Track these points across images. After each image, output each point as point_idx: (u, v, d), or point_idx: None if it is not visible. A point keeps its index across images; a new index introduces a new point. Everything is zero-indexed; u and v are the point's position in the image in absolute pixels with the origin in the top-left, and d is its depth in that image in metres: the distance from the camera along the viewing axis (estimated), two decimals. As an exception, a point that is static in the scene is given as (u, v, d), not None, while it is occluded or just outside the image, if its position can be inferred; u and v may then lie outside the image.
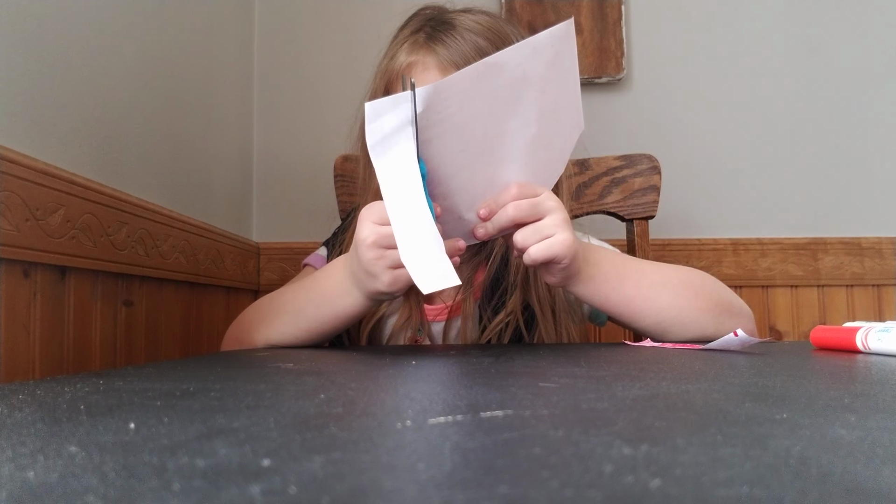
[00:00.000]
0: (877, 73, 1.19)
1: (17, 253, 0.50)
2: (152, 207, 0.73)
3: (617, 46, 1.16)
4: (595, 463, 0.15)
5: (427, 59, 0.67)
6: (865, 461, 0.15)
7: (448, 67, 0.65)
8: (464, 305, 0.72)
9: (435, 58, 0.66)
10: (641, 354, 0.48)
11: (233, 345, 0.69)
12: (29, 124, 0.55)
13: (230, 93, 1.07)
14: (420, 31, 0.69)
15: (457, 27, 0.67)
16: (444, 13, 0.71)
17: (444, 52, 0.66)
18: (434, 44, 0.67)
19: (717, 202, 1.19)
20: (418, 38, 0.69)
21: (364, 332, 0.72)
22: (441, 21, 0.69)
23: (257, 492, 0.13)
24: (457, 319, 0.73)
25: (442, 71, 0.66)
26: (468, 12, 0.71)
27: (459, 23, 0.68)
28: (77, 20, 0.62)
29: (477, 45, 0.66)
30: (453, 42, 0.66)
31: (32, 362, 0.53)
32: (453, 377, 0.34)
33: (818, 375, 0.34)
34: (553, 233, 0.56)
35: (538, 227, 0.55)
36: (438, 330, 0.73)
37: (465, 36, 0.66)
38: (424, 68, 0.67)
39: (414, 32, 0.70)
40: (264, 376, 0.35)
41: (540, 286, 0.71)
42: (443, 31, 0.67)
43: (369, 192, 0.70)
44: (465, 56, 0.65)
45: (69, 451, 0.17)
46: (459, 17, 0.70)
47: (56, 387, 0.31)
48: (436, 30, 0.68)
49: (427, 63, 0.67)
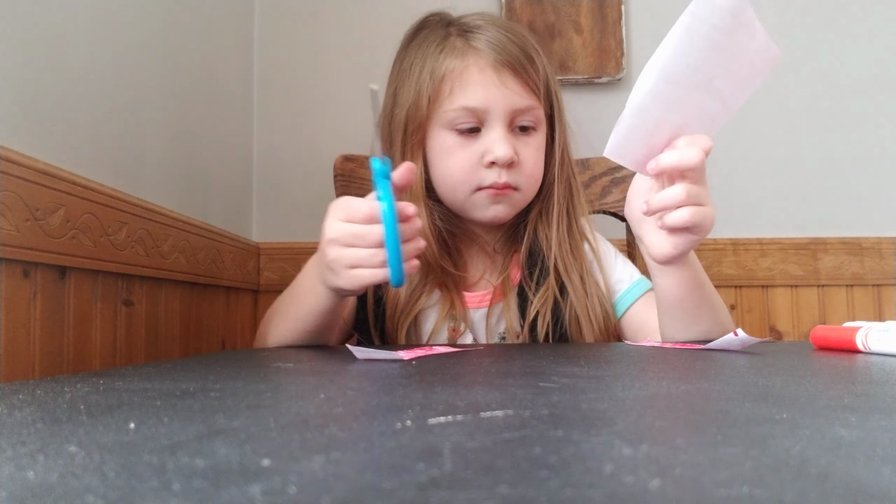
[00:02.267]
0: (877, 74, 1.19)
1: (17, 253, 0.50)
2: (152, 207, 0.73)
3: (617, 46, 1.16)
4: (595, 463, 0.15)
5: (480, 61, 0.69)
6: (865, 461, 0.15)
7: (501, 68, 0.68)
8: (504, 288, 0.74)
9: (485, 58, 0.69)
10: (641, 354, 0.48)
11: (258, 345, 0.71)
12: (29, 124, 0.55)
13: (230, 93, 1.07)
14: (450, 38, 0.72)
15: (482, 27, 0.71)
16: (455, 18, 0.74)
17: (490, 52, 0.69)
18: (477, 44, 0.70)
19: (717, 202, 1.17)
20: (455, 43, 0.71)
21: (402, 328, 0.71)
22: (464, 24, 0.72)
23: (257, 492, 0.13)
24: (498, 304, 0.75)
25: (496, 70, 0.68)
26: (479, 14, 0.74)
27: (477, 24, 0.71)
28: (77, 20, 0.62)
29: (509, 40, 0.69)
30: (494, 39, 0.69)
31: (32, 362, 0.53)
32: (453, 377, 0.34)
33: (818, 375, 0.34)
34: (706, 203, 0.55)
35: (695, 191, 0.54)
36: (481, 316, 0.75)
37: (497, 33, 0.70)
38: (479, 69, 0.69)
39: (444, 39, 0.72)
40: (264, 376, 0.35)
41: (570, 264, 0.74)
42: (475, 31, 0.70)
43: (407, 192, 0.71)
44: (508, 51, 0.68)
45: (69, 450, 0.17)
46: (477, 18, 0.73)
47: (56, 387, 0.31)
48: (466, 32, 0.71)
49: (480, 64, 0.69)
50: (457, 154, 0.70)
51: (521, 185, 0.70)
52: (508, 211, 0.72)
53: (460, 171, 0.70)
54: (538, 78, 0.70)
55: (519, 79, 0.69)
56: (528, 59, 0.70)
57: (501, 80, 0.68)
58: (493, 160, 0.67)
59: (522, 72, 0.69)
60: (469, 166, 0.69)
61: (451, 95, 0.69)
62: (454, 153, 0.70)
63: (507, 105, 0.68)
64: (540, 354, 0.49)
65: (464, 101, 0.68)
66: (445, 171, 0.71)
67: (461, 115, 0.68)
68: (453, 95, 0.69)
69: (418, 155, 0.72)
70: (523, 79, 0.69)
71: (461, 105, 0.68)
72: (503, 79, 0.68)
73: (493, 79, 0.68)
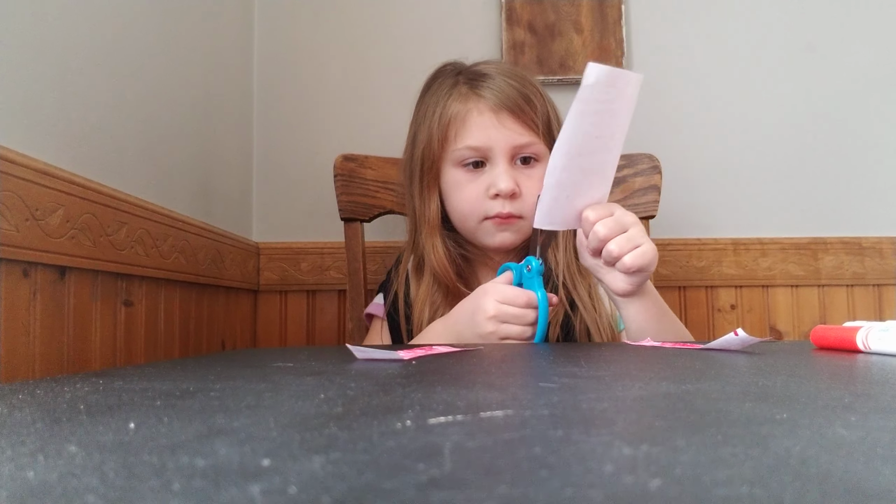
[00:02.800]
0: (877, 73, 1.19)
1: (16, 253, 0.50)
2: (152, 207, 0.73)
3: (617, 46, 1.16)
4: (595, 463, 0.15)
5: (479, 105, 0.78)
6: (865, 461, 0.15)
7: (500, 110, 0.77)
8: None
9: (485, 102, 0.78)
10: (641, 354, 0.48)
11: None
12: (29, 124, 0.55)
13: (230, 93, 1.07)
14: (458, 85, 0.81)
15: (488, 74, 0.80)
16: (468, 67, 0.83)
17: (493, 98, 0.78)
18: (481, 91, 0.79)
19: (718, 202, 1.19)
20: (461, 90, 0.80)
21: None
22: (471, 73, 0.81)
23: (257, 491, 0.13)
24: None
25: (495, 113, 0.77)
26: (493, 63, 0.83)
27: (488, 71, 0.80)
28: (77, 20, 0.62)
29: (509, 85, 0.78)
30: (498, 88, 0.78)
31: (32, 362, 0.53)
32: (453, 377, 0.34)
33: (818, 375, 0.34)
34: (642, 242, 0.63)
35: (629, 236, 0.62)
36: None
37: (499, 79, 0.79)
38: (479, 113, 0.78)
39: (453, 87, 0.81)
40: (264, 376, 0.35)
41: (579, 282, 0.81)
42: (479, 79, 0.80)
43: (426, 222, 0.82)
44: (506, 95, 0.77)
45: (69, 450, 0.17)
46: (484, 66, 0.82)
47: (56, 386, 0.31)
48: (472, 80, 0.80)
49: (480, 108, 0.78)
50: (465, 188, 0.79)
51: (524, 213, 0.78)
52: (514, 237, 0.80)
53: (469, 203, 0.79)
54: (536, 116, 0.78)
55: (517, 119, 0.78)
56: (525, 101, 0.78)
57: (500, 121, 0.77)
58: (497, 192, 0.76)
59: (520, 112, 0.78)
60: (476, 198, 0.78)
61: (458, 136, 0.78)
62: (463, 187, 0.79)
63: (507, 142, 0.77)
64: (540, 354, 0.49)
65: (468, 142, 0.78)
66: (457, 203, 0.81)
67: (466, 153, 0.78)
68: (459, 136, 0.78)
69: (434, 189, 0.82)
70: (521, 119, 0.78)
71: (465, 145, 0.78)
72: (502, 119, 0.77)
73: (493, 120, 0.77)
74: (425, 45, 1.17)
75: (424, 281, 0.81)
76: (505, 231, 0.79)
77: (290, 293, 1.15)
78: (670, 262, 1.16)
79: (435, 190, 0.82)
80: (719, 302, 1.17)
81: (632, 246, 0.62)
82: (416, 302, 0.81)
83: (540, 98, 0.80)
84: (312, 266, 1.15)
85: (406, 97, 0.90)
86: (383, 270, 1.14)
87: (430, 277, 0.81)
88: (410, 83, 0.89)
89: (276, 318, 1.15)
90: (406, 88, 0.89)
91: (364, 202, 0.96)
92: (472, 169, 0.79)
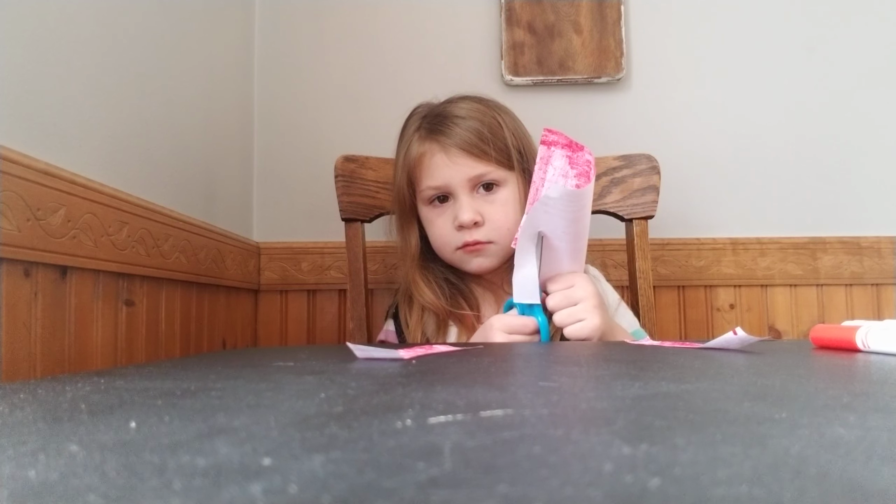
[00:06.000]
0: (876, 73, 1.19)
1: (17, 252, 0.50)
2: (153, 207, 0.73)
3: (616, 46, 1.16)
4: (595, 462, 0.15)
5: (432, 147, 0.84)
6: (864, 460, 0.15)
7: (449, 149, 0.82)
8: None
9: (438, 145, 0.83)
10: (641, 354, 0.48)
11: None
12: (29, 124, 0.55)
13: (231, 93, 1.07)
14: (420, 128, 0.86)
15: (448, 116, 0.84)
16: (435, 108, 0.88)
17: (445, 139, 0.83)
18: (435, 135, 0.84)
19: (717, 202, 1.19)
20: (422, 133, 0.86)
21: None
22: (434, 115, 0.86)
23: (258, 490, 0.13)
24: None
25: (446, 153, 0.82)
26: (455, 102, 0.87)
27: (449, 112, 0.85)
28: (77, 20, 0.62)
29: (464, 125, 0.83)
30: (449, 130, 0.83)
31: (33, 362, 0.53)
32: (453, 377, 0.34)
33: (817, 375, 0.34)
34: (584, 317, 0.70)
35: (572, 311, 0.71)
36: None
37: (458, 123, 0.83)
38: (431, 155, 0.84)
39: (417, 129, 0.86)
40: (265, 375, 0.35)
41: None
42: (438, 122, 0.84)
43: (408, 257, 0.88)
44: (458, 136, 0.82)
45: (70, 449, 0.17)
46: (448, 107, 0.86)
47: (57, 386, 0.31)
48: (433, 123, 0.85)
49: (433, 150, 0.84)
50: (436, 223, 0.85)
51: (492, 238, 0.83)
52: (490, 261, 0.85)
53: (441, 237, 0.85)
54: (489, 147, 0.82)
55: (469, 154, 0.82)
56: (478, 137, 0.82)
57: (451, 159, 0.82)
58: (461, 224, 0.81)
59: (471, 148, 0.82)
60: (446, 231, 0.84)
61: (421, 178, 0.85)
62: (434, 222, 0.86)
63: (461, 177, 0.82)
64: (540, 354, 0.49)
65: (428, 182, 0.84)
66: (432, 237, 0.87)
67: (429, 192, 0.84)
68: (422, 177, 0.85)
69: (412, 226, 0.89)
70: (472, 153, 0.82)
71: (426, 185, 0.84)
72: (453, 158, 0.82)
73: (444, 160, 0.82)
74: (425, 45, 1.17)
75: (414, 310, 0.86)
76: (478, 257, 0.84)
77: (291, 293, 1.15)
78: (669, 262, 1.16)
79: (413, 226, 0.89)
80: (718, 301, 1.17)
81: (573, 320, 0.70)
82: (410, 331, 0.86)
83: (498, 128, 0.84)
84: (313, 266, 1.15)
85: (406, 98, 0.89)
86: (384, 270, 1.14)
87: (419, 307, 0.86)
88: (411, 84, 0.89)
89: (277, 317, 1.15)
90: (406, 89, 0.90)
91: (364, 203, 0.96)
92: (439, 204, 0.85)
